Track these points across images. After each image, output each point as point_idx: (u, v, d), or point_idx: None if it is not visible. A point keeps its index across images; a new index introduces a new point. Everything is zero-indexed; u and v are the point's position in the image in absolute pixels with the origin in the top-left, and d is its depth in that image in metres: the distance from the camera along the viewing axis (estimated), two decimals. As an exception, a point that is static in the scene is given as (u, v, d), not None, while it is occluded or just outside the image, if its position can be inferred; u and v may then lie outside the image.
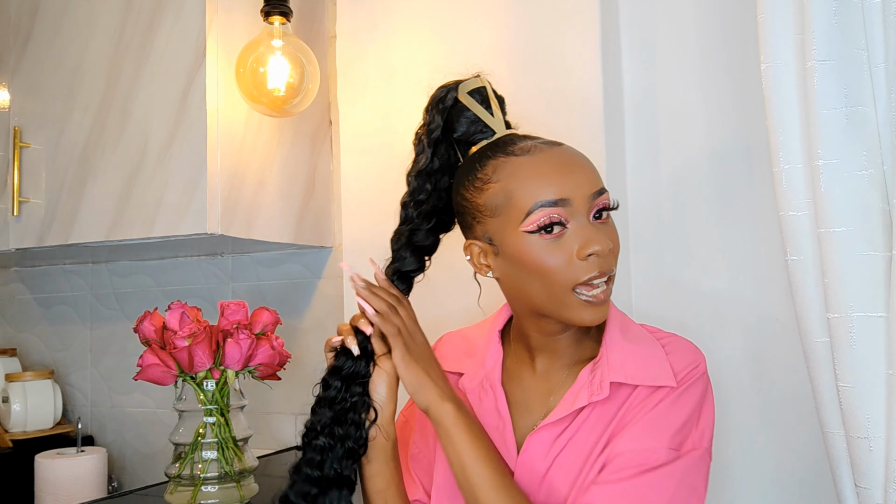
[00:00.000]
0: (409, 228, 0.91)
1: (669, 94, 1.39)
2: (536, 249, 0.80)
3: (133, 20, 1.46)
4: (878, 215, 0.89)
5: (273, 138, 1.52)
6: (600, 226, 0.82)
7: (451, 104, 0.89)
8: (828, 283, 0.91)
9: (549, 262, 0.80)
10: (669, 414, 0.81)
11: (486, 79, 0.91)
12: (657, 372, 0.83)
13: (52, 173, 1.53)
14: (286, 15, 1.42)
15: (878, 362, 0.89)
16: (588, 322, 0.82)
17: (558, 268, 0.80)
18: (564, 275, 0.80)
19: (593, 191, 0.81)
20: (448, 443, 0.81)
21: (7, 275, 2.10)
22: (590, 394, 0.83)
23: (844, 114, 0.89)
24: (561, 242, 0.80)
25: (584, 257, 0.79)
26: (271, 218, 1.51)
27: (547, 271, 0.80)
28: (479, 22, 1.45)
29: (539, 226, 0.79)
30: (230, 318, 1.22)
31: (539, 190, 0.79)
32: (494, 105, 0.89)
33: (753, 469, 1.32)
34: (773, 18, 0.96)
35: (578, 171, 0.81)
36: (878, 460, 0.89)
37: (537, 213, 0.79)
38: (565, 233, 0.80)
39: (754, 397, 1.32)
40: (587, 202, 0.80)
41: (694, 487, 0.79)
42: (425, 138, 0.90)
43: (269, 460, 1.59)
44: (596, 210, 0.81)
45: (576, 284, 0.80)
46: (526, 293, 0.84)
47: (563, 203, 0.79)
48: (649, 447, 0.79)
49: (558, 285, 0.80)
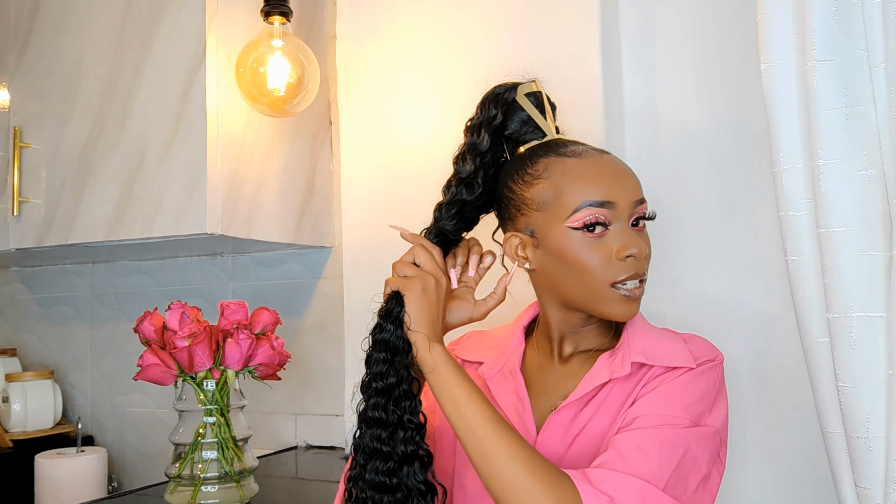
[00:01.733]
0: (455, 201, 0.92)
1: (669, 95, 1.39)
2: (578, 245, 0.85)
3: (133, 20, 1.46)
4: (878, 215, 0.89)
5: (273, 138, 1.52)
6: (638, 231, 0.87)
7: (510, 102, 0.93)
8: (828, 283, 0.91)
9: (588, 259, 0.85)
10: (687, 388, 0.84)
11: (541, 85, 0.95)
12: (677, 356, 0.87)
13: (52, 173, 1.53)
14: (286, 15, 1.42)
15: (878, 362, 0.89)
16: (620, 316, 0.86)
17: (596, 265, 0.85)
18: (602, 272, 0.85)
19: (636, 199, 0.87)
20: (439, 383, 0.82)
21: (7, 275, 2.10)
22: (610, 372, 0.87)
23: (844, 114, 0.89)
24: (602, 242, 0.85)
25: (623, 258, 0.84)
26: (271, 218, 1.51)
27: (585, 267, 0.85)
28: (478, 22, 1.45)
29: (584, 223, 0.84)
30: (230, 318, 1.22)
31: (588, 190, 0.85)
32: (548, 110, 0.94)
33: (753, 469, 1.32)
34: (773, 18, 0.96)
35: (625, 178, 0.87)
36: (878, 460, 0.89)
37: (584, 212, 0.84)
38: (606, 233, 0.85)
39: (754, 397, 1.32)
40: (630, 208, 0.86)
41: (699, 459, 0.82)
42: (485, 127, 0.93)
43: (269, 460, 1.59)
44: (635, 217, 0.87)
45: (613, 282, 0.85)
46: (561, 285, 0.89)
47: (608, 205, 0.85)
48: (669, 412, 0.82)
49: (596, 281, 0.85)
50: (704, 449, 0.82)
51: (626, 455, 0.77)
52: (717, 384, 0.88)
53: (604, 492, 0.73)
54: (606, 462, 0.77)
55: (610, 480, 0.74)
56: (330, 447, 1.66)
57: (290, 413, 1.70)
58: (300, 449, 1.69)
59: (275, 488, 1.40)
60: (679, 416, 0.82)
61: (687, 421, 0.82)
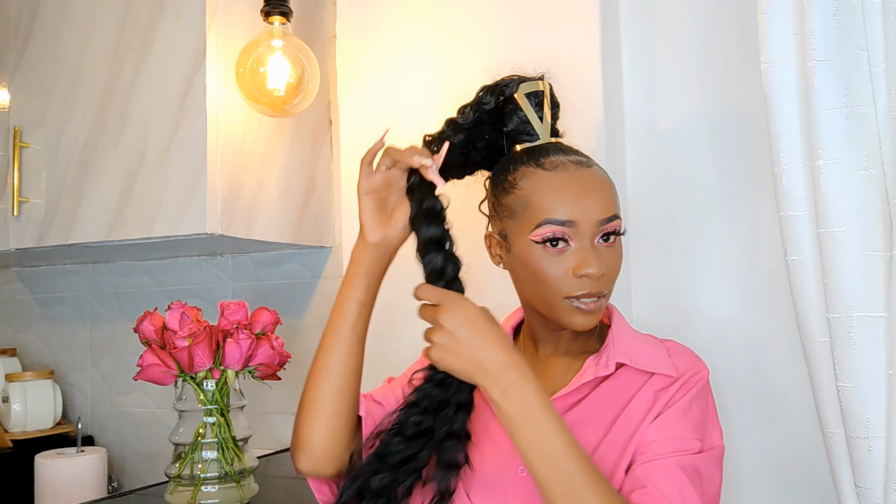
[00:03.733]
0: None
1: (669, 95, 1.39)
2: (539, 258, 0.87)
3: (133, 20, 1.46)
4: (878, 215, 0.89)
5: (273, 138, 1.52)
6: (604, 249, 0.88)
7: (507, 97, 0.93)
8: (828, 283, 0.91)
9: (548, 272, 0.87)
10: (688, 411, 0.87)
11: (548, 83, 0.95)
12: (659, 362, 0.90)
13: (52, 173, 1.53)
14: (286, 15, 1.42)
15: (878, 362, 0.89)
16: (578, 326, 0.88)
17: (554, 279, 0.87)
18: (558, 286, 0.87)
19: (603, 217, 0.87)
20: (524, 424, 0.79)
21: (7, 275, 2.10)
22: (595, 371, 0.90)
23: (844, 114, 0.89)
24: (562, 257, 0.87)
25: (579, 276, 0.86)
26: (271, 218, 1.51)
27: (545, 279, 0.87)
28: (479, 22, 1.45)
29: (544, 238, 0.86)
30: (230, 318, 1.22)
31: (552, 207, 0.86)
32: (546, 111, 0.94)
33: (753, 469, 1.32)
34: (773, 18, 0.96)
35: (593, 196, 0.87)
36: (878, 460, 0.89)
37: (545, 228, 0.86)
38: (568, 249, 0.87)
39: (754, 397, 1.32)
40: (593, 227, 0.87)
41: (714, 480, 0.86)
42: (472, 108, 0.94)
43: (269, 460, 1.59)
44: (603, 234, 0.88)
45: (568, 296, 0.87)
46: (526, 291, 0.92)
47: (570, 224, 0.86)
48: (680, 436, 0.84)
49: (553, 293, 0.87)
50: (717, 469, 0.86)
51: (666, 493, 0.79)
52: (709, 401, 0.90)
53: None
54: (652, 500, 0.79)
55: None
56: (330, 447, 1.66)
57: (290, 413, 1.70)
58: (300, 449, 1.69)
59: (275, 488, 1.40)
60: (693, 440, 0.84)
61: (700, 445, 0.85)
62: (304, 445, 0.89)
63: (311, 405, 0.90)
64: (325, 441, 0.89)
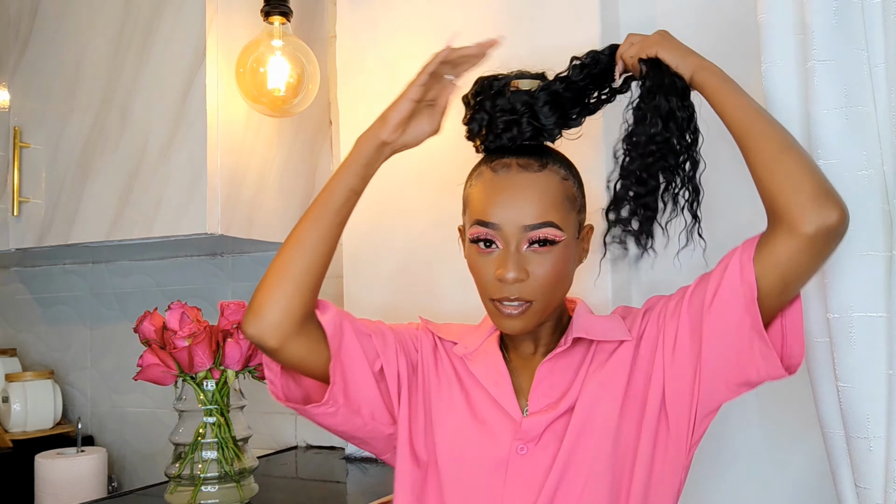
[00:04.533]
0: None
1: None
2: (474, 256, 0.91)
3: (133, 20, 1.46)
4: (878, 215, 0.89)
5: (273, 138, 1.52)
6: (531, 254, 0.88)
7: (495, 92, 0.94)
8: (828, 283, 0.91)
9: (478, 271, 0.90)
10: (653, 310, 0.95)
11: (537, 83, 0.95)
12: (615, 332, 0.93)
13: (52, 173, 1.53)
14: (286, 15, 1.42)
15: (878, 362, 0.89)
16: (505, 329, 0.90)
17: (482, 279, 0.90)
18: (485, 287, 0.90)
19: (525, 224, 0.88)
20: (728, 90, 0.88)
21: (7, 275, 2.10)
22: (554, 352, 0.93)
23: (844, 114, 0.89)
24: (489, 258, 0.89)
25: (497, 279, 0.88)
26: (271, 218, 1.51)
27: (476, 278, 0.91)
28: (478, 22, 1.45)
29: (475, 238, 0.90)
30: (230, 318, 1.22)
31: (481, 207, 0.90)
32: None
33: (753, 469, 1.32)
34: (773, 18, 0.96)
35: (523, 202, 0.88)
36: (878, 460, 0.89)
37: (474, 228, 0.90)
38: (495, 252, 0.89)
39: (754, 397, 1.31)
40: (518, 232, 0.88)
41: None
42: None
43: (269, 460, 1.59)
44: (529, 242, 0.88)
45: (491, 298, 0.89)
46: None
47: (493, 227, 0.88)
48: (666, 298, 0.95)
49: (483, 294, 0.91)
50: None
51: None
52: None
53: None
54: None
55: None
56: (330, 447, 1.66)
57: (290, 413, 1.70)
58: (300, 449, 1.69)
59: (275, 488, 1.40)
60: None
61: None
62: (257, 311, 0.89)
63: (276, 275, 0.90)
64: (277, 312, 0.89)
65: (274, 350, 0.90)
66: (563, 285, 0.92)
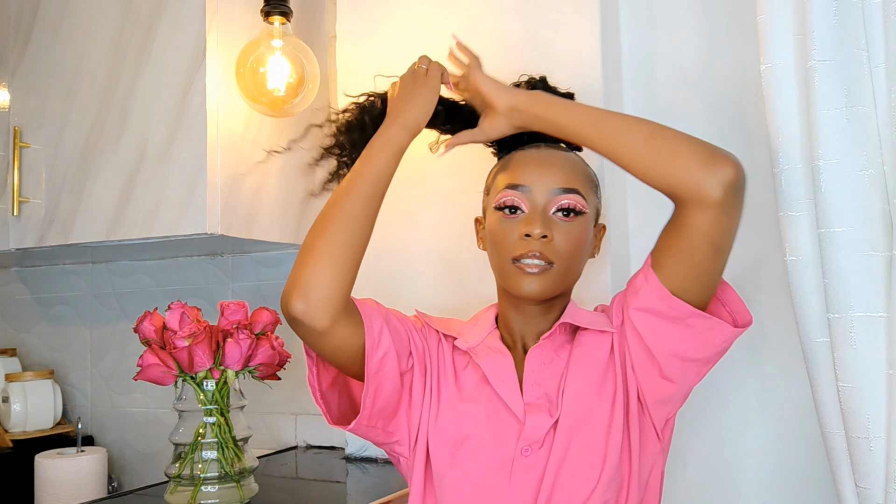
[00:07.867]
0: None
1: (669, 95, 1.39)
2: (497, 223, 0.94)
3: (133, 20, 1.46)
4: (878, 215, 0.89)
5: (273, 138, 1.52)
6: (559, 221, 0.92)
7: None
8: (828, 283, 0.91)
9: (501, 235, 0.93)
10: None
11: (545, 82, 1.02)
12: (600, 324, 0.95)
13: (52, 173, 1.53)
14: (286, 15, 1.42)
15: (878, 362, 0.89)
16: (524, 291, 0.91)
17: (505, 241, 0.92)
18: (507, 248, 0.92)
19: (556, 187, 0.92)
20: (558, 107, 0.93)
21: (7, 275, 2.10)
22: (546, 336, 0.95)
23: (844, 114, 0.89)
24: (514, 222, 0.92)
25: (522, 237, 0.90)
26: (271, 218, 1.51)
27: (498, 243, 0.93)
28: (478, 21, 1.45)
29: (500, 203, 0.93)
30: (230, 318, 1.22)
31: (511, 174, 0.94)
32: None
33: (753, 469, 1.32)
34: (773, 18, 0.96)
35: (552, 167, 0.93)
36: (878, 460, 0.89)
37: (502, 193, 0.93)
38: (520, 216, 0.92)
39: (754, 397, 1.32)
40: (547, 195, 0.92)
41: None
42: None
43: (269, 460, 1.59)
44: (557, 207, 0.92)
45: (513, 257, 0.91)
46: (492, 263, 0.97)
47: (522, 189, 0.92)
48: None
49: (502, 256, 0.92)
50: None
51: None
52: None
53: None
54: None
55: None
56: (330, 447, 1.66)
57: (290, 413, 1.70)
58: (300, 449, 1.69)
59: (275, 488, 1.40)
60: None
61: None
62: (303, 286, 0.83)
63: (325, 247, 0.85)
64: (329, 287, 0.83)
65: (321, 332, 0.85)
66: (579, 262, 0.95)
